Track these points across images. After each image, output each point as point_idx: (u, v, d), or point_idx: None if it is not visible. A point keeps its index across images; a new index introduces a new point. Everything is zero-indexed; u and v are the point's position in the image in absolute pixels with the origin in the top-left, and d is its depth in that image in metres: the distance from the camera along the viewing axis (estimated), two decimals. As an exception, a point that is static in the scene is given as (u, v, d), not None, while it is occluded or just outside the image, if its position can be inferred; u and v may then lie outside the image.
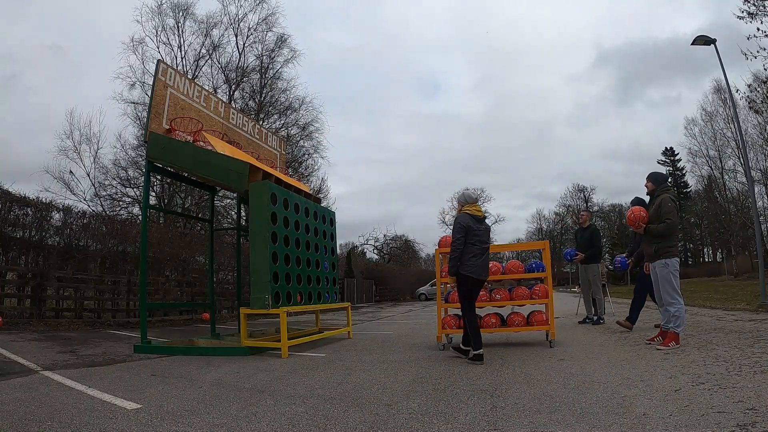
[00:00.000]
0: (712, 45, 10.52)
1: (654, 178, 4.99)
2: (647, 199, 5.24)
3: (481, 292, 5.47)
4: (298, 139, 21.80)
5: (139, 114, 17.64)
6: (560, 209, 59.10)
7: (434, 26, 74.22)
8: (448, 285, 4.39)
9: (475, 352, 4.26)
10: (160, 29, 18.73)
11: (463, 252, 4.34)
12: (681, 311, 4.49)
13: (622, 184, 70.38)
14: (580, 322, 7.64)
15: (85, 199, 15.56)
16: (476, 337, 4.31)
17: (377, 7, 69.65)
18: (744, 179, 26.93)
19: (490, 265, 5.60)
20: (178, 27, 19.07)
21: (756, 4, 15.25)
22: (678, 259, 4.70)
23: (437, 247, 5.78)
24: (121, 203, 17.60)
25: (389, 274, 30.24)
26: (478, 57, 75.13)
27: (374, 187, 68.71)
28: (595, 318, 7.40)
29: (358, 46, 66.33)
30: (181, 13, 19.03)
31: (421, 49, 74.39)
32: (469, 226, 4.38)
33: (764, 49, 15.12)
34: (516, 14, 74.19)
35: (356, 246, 41.36)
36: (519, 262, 5.56)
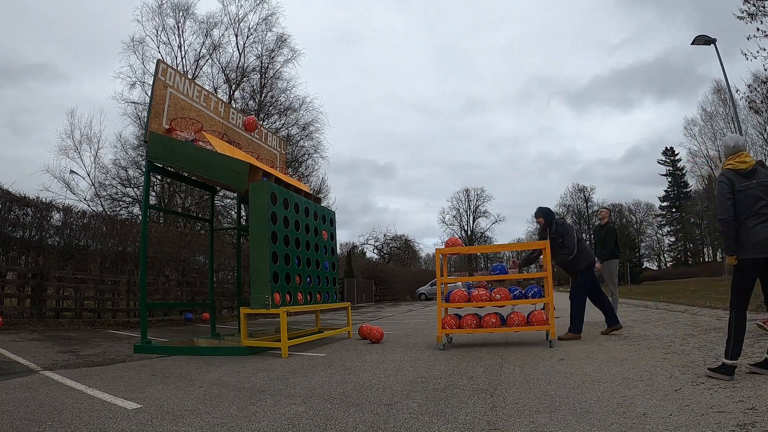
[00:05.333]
0: (712, 45, 10.53)
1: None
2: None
3: (481, 292, 5.46)
4: (298, 139, 21.82)
5: (140, 114, 17.68)
6: (560, 209, 59.10)
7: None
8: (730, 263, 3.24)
9: (726, 361, 3.06)
10: (160, 29, 18.77)
11: (735, 223, 3.13)
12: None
13: (621, 184, 70.68)
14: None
15: (85, 199, 15.59)
16: (736, 342, 3.08)
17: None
18: (744, 179, 26.83)
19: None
20: (178, 27, 19.12)
21: (756, 4, 15.26)
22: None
23: (441, 247, 5.75)
24: (121, 203, 17.63)
25: (389, 274, 30.23)
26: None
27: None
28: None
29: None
30: (181, 13, 19.08)
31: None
32: (733, 186, 3.17)
33: (764, 49, 15.14)
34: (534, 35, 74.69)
35: (356, 246, 41.43)
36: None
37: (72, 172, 15.08)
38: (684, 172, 50.28)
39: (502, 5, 72.99)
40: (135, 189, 17.47)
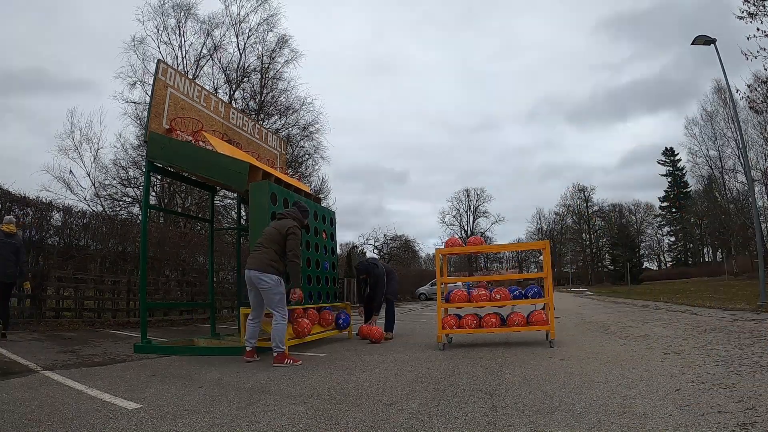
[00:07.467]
0: (712, 45, 10.53)
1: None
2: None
3: (481, 292, 5.47)
4: (299, 139, 21.86)
5: (140, 114, 17.70)
6: (560, 209, 59.16)
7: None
8: None
9: None
10: (161, 29, 18.81)
11: None
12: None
13: (621, 184, 71.24)
14: None
15: (85, 199, 15.60)
16: None
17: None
18: (744, 179, 27.01)
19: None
20: (179, 27, 19.15)
21: (756, 4, 15.27)
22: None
23: (440, 247, 5.77)
24: (121, 203, 17.64)
25: (389, 274, 30.15)
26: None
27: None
28: None
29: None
30: (182, 13, 19.11)
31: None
32: None
33: (764, 49, 15.14)
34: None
35: (356, 246, 41.44)
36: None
37: (70, 172, 15.09)
38: (684, 172, 50.34)
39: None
40: (135, 189, 17.48)
